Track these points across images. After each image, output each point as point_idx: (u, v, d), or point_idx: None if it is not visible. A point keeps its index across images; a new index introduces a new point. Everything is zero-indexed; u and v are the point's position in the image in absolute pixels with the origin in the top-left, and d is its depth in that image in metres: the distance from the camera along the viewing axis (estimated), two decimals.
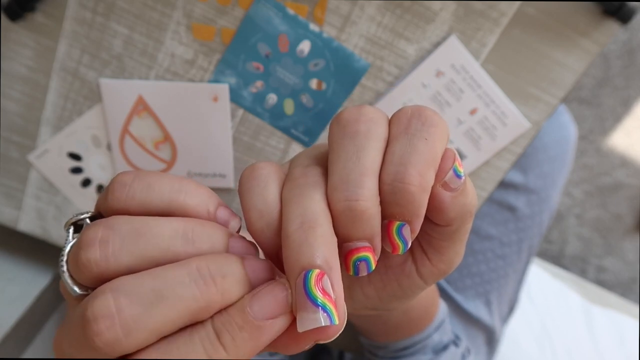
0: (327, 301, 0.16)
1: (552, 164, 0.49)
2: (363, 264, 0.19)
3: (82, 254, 0.17)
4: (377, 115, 0.20)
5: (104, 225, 0.17)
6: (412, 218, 0.18)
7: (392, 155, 0.18)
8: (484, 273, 0.49)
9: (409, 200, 0.18)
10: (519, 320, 0.95)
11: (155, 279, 0.16)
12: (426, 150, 0.18)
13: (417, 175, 0.18)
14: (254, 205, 0.19)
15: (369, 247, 0.18)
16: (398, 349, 0.36)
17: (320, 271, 0.16)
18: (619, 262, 1.47)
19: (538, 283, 1.09)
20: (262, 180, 0.19)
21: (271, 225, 0.18)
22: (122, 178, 0.19)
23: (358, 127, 0.19)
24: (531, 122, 0.35)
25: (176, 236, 0.17)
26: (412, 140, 0.19)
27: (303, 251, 0.17)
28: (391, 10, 0.32)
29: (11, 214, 0.38)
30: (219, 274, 0.17)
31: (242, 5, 0.31)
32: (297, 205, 0.18)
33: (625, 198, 1.40)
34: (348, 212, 0.18)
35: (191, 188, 0.19)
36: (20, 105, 0.35)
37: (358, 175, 0.18)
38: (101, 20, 0.32)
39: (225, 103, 0.34)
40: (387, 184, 0.18)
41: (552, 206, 0.51)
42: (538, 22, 0.32)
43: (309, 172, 0.20)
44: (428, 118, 0.19)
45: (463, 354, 0.39)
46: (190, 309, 0.16)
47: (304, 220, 0.17)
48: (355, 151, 0.19)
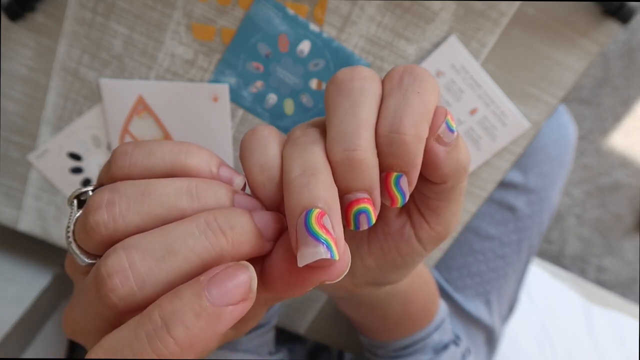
0: (328, 237, 0.17)
1: (552, 164, 0.49)
2: (363, 217, 0.19)
3: (90, 218, 0.17)
4: (370, 74, 0.20)
5: (109, 189, 0.17)
6: (408, 168, 0.19)
7: (387, 110, 0.19)
8: (484, 273, 0.49)
9: (405, 150, 0.18)
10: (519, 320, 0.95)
11: (166, 235, 0.16)
12: (419, 103, 0.19)
13: (412, 126, 0.18)
14: (255, 162, 0.19)
15: (368, 198, 0.19)
16: (398, 348, 0.36)
17: (321, 210, 0.17)
18: (619, 262, 1.47)
19: (538, 283, 1.09)
20: (262, 139, 0.20)
21: (272, 180, 0.19)
22: (124, 148, 0.19)
23: (352, 84, 0.20)
24: (531, 122, 0.35)
25: (181, 193, 0.18)
26: (406, 94, 0.19)
27: (304, 193, 0.17)
28: (391, 10, 0.32)
29: (11, 214, 0.38)
30: (228, 225, 0.17)
31: (242, 5, 0.31)
32: (298, 157, 0.19)
33: (625, 198, 1.40)
34: (347, 161, 0.18)
35: (192, 149, 0.19)
36: (20, 105, 0.35)
37: (354, 127, 0.19)
38: (101, 20, 0.32)
39: (225, 103, 0.34)
40: (383, 135, 0.19)
41: (552, 206, 0.52)
42: (538, 22, 0.32)
43: (309, 132, 0.20)
44: (419, 74, 0.20)
45: (463, 354, 0.39)
46: (202, 259, 0.16)
47: (305, 168, 0.18)
48: (350, 106, 0.19)
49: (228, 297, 0.16)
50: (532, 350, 0.93)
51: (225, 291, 0.16)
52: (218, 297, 0.15)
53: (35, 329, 0.45)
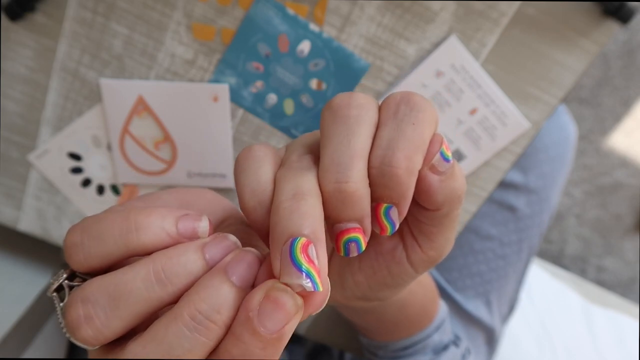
0: (312, 268, 0.17)
1: (552, 164, 0.49)
2: (353, 245, 0.19)
3: (78, 336, 0.17)
4: (367, 101, 0.20)
5: (80, 299, 0.17)
6: (399, 200, 0.19)
7: (381, 140, 0.19)
8: (484, 273, 0.49)
9: (396, 182, 0.18)
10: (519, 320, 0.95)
11: (159, 344, 0.16)
12: (414, 135, 0.19)
13: (404, 159, 0.18)
14: (247, 184, 0.19)
15: (359, 228, 0.19)
16: (398, 349, 0.36)
17: (307, 240, 0.17)
18: (619, 262, 1.47)
19: (538, 283, 1.09)
20: (257, 160, 0.20)
21: (263, 204, 0.19)
22: (71, 239, 0.18)
23: (349, 112, 0.19)
24: (531, 122, 0.35)
25: (151, 284, 0.17)
26: (400, 125, 0.19)
27: (292, 219, 0.17)
28: (391, 10, 0.32)
29: (11, 214, 0.38)
30: (214, 311, 0.16)
31: (242, 5, 0.31)
32: (290, 181, 0.18)
33: (625, 198, 1.40)
34: (338, 193, 0.18)
35: (140, 220, 0.18)
36: (20, 105, 0.35)
37: (348, 158, 0.18)
38: (101, 21, 0.32)
39: (225, 103, 0.34)
40: (375, 167, 0.19)
41: (552, 206, 0.51)
42: (538, 22, 0.32)
43: (304, 158, 0.20)
44: (416, 104, 0.20)
45: (463, 354, 0.39)
46: (205, 353, 0.17)
47: (295, 193, 0.18)
48: (345, 135, 0.19)
49: (281, 321, 0.16)
50: (532, 350, 0.93)
51: (277, 320, 0.16)
52: (272, 327, 0.16)
53: (35, 329, 0.45)
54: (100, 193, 0.37)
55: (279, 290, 0.16)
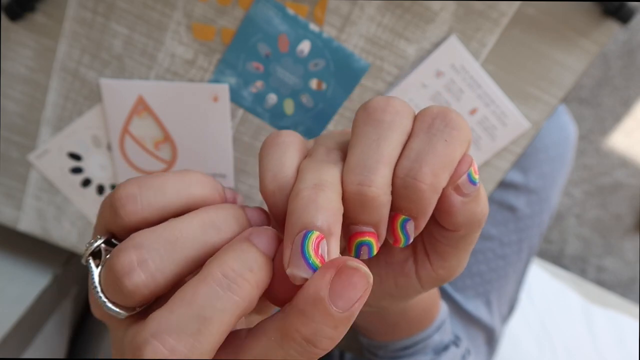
0: (320, 264, 0.16)
1: (553, 164, 0.49)
2: (365, 248, 0.19)
3: (127, 282, 0.16)
4: (404, 108, 0.20)
5: (132, 246, 0.17)
6: (418, 215, 0.19)
7: (410, 151, 0.19)
8: (484, 273, 0.49)
9: (418, 197, 0.18)
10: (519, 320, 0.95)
11: (190, 305, 0.16)
12: (444, 152, 0.18)
13: (430, 174, 0.18)
14: (269, 168, 0.19)
15: (373, 232, 0.19)
16: (398, 349, 0.36)
17: (320, 234, 0.17)
18: (619, 262, 1.47)
19: (538, 283, 1.09)
20: (282, 146, 0.20)
21: (283, 189, 0.19)
22: (128, 190, 0.18)
23: (383, 116, 0.19)
24: (531, 122, 0.35)
25: (207, 229, 0.18)
26: (432, 139, 0.19)
27: (309, 209, 0.17)
28: (391, 10, 0.32)
29: (11, 214, 0.38)
30: (247, 269, 0.17)
31: (242, 5, 0.31)
32: (314, 172, 0.18)
33: (625, 198, 1.40)
34: (359, 195, 0.18)
35: (197, 179, 0.19)
36: (20, 105, 0.35)
37: (375, 162, 0.18)
38: (101, 21, 0.32)
39: (225, 103, 0.34)
40: (400, 177, 0.18)
41: (552, 206, 0.52)
42: (538, 22, 0.32)
43: (332, 153, 0.20)
44: (452, 120, 0.19)
45: (463, 355, 0.39)
46: (236, 315, 0.16)
47: (316, 184, 0.18)
48: (376, 139, 0.19)
49: (352, 300, 0.16)
50: (532, 350, 0.93)
51: (348, 299, 0.16)
52: (344, 306, 0.16)
53: (35, 329, 0.45)
54: (100, 193, 0.37)
55: (352, 268, 0.16)
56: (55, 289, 0.46)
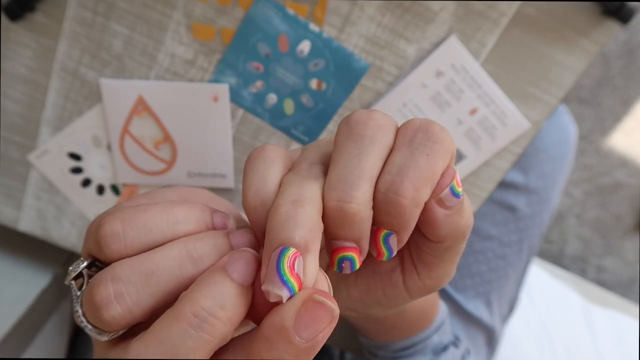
0: (294, 282, 0.16)
1: (553, 164, 0.49)
2: (347, 263, 0.19)
3: (105, 314, 0.17)
4: (386, 122, 0.20)
5: (110, 278, 0.17)
6: (400, 229, 0.19)
7: (391, 165, 0.19)
8: (484, 273, 0.49)
9: (399, 212, 0.18)
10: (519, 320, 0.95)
11: (162, 343, 0.16)
12: (426, 166, 0.18)
13: (411, 189, 0.18)
14: (253, 183, 0.19)
15: (355, 247, 0.19)
16: (397, 349, 0.36)
17: (296, 251, 0.16)
18: (619, 262, 1.47)
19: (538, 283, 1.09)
20: (266, 160, 0.20)
21: (265, 205, 0.19)
22: (111, 228, 0.18)
23: (365, 131, 0.19)
24: (531, 122, 0.35)
25: (184, 262, 0.18)
26: (414, 153, 0.19)
27: (287, 226, 0.17)
28: (391, 10, 0.32)
29: (11, 214, 0.38)
30: (218, 307, 0.16)
31: (242, 5, 0.31)
32: (293, 187, 0.18)
33: (625, 198, 1.40)
34: (339, 212, 0.18)
35: (184, 215, 0.19)
36: (20, 105, 0.35)
37: (356, 178, 0.18)
38: (101, 20, 0.32)
39: (225, 103, 0.34)
40: (381, 192, 0.18)
41: (553, 206, 0.51)
42: (538, 22, 0.32)
43: (314, 169, 0.20)
44: (434, 134, 0.19)
45: (463, 355, 0.39)
46: (210, 350, 0.16)
47: (295, 199, 0.17)
48: (357, 154, 0.19)
49: (316, 332, 0.16)
50: (532, 350, 0.93)
51: (313, 330, 0.16)
52: (308, 337, 0.16)
53: (35, 329, 0.45)
54: (100, 193, 0.37)
55: (318, 302, 0.16)
56: (55, 289, 0.46)
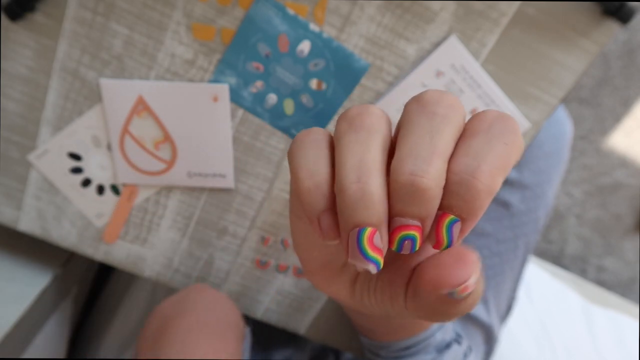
0: (378, 255, 0.17)
1: (548, 160, 0.49)
2: (408, 242, 0.18)
3: None
4: (458, 103, 0.19)
5: None
6: (468, 216, 0.18)
7: (468, 148, 0.18)
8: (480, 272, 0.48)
9: (472, 196, 0.17)
10: (519, 320, 0.95)
11: None
12: (503, 154, 0.18)
13: (488, 174, 0.17)
14: (304, 164, 0.19)
15: (419, 226, 0.18)
16: (400, 349, 0.36)
17: (372, 229, 0.17)
18: (619, 262, 1.47)
19: (538, 283, 1.09)
20: (315, 142, 0.20)
21: (320, 186, 0.18)
22: None
23: (437, 109, 0.19)
24: (531, 122, 0.35)
25: None
26: (492, 140, 0.18)
27: (358, 209, 0.17)
28: (391, 10, 0.32)
29: (11, 214, 0.38)
30: None
31: (242, 5, 0.31)
32: (353, 154, 0.18)
33: (625, 198, 1.40)
34: (410, 186, 0.17)
35: None
36: (20, 105, 0.35)
37: (429, 153, 0.17)
38: (101, 20, 0.32)
39: (225, 103, 0.34)
40: (456, 173, 0.17)
41: (548, 203, 0.51)
42: (538, 22, 0.32)
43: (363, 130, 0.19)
44: (512, 126, 0.19)
45: (465, 352, 0.39)
46: None
47: (360, 174, 0.17)
48: (429, 130, 0.18)
49: None
50: (531, 350, 0.93)
51: None
52: None
53: (35, 329, 0.45)
54: (100, 193, 0.37)
55: None
56: (55, 289, 0.46)
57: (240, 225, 0.39)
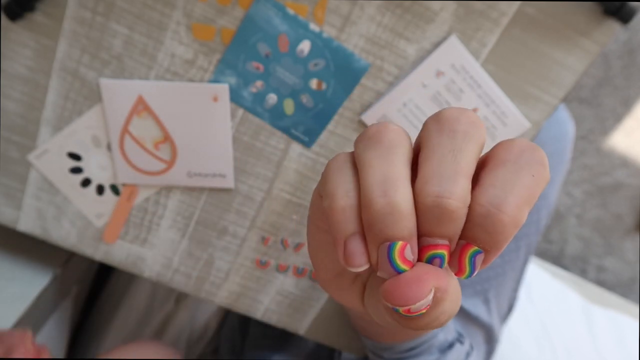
0: (409, 267, 0.17)
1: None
2: (438, 261, 0.18)
3: None
4: (477, 120, 0.19)
5: None
6: (491, 249, 0.18)
7: (495, 179, 0.18)
8: (481, 271, 0.48)
9: (497, 229, 0.17)
10: (519, 320, 0.95)
11: None
12: (530, 187, 0.17)
13: (514, 207, 0.17)
14: (342, 183, 0.19)
15: (447, 245, 0.18)
16: (404, 350, 0.36)
17: (403, 243, 0.17)
18: (619, 262, 1.47)
19: (538, 283, 1.09)
20: (351, 164, 0.20)
21: (354, 208, 0.18)
22: None
23: (457, 126, 0.18)
24: (531, 122, 0.35)
25: None
26: (520, 171, 0.18)
27: (387, 224, 0.17)
28: (391, 10, 0.32)
29: (11, 214, 0.38)
30: None
31: (242, 5, 0.31)
32: (378, 168, 0.18)
33: (625, 198, 1.40)
34: (437, 208, 0.17)
35: None
36: (20, 105, 0.35)
37: (453, 172, 0.17)
38: (101, 20, 0.32)
39: (225, 103, 0.34)
40: (482, 205, 0.17)
41: (550, 203, 0.51)
42: (538, 22, 0.32)
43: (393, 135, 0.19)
44: (541, 157, 0.18)
45: (468, 352, 0.39)
46: None
47: (385, 189, 0.17)
48: (451, 149, 0.18)
49: None
50: (531, 351, 0.93)
51: None
52: None
53: (35, 329, 0.45)
54: (100, 193, 0.37)
55: None
56: (55, 288, 0.46)
57: (240, 225, 0.39)
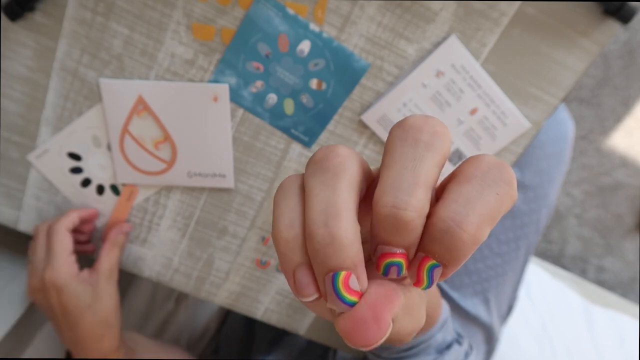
0: (354, 297, 0.17)
1: (549, 160, 0.49)
2: (395, 269, 0.18)
3: None
4: (444, 130, 0.19)
5: None
6: (449, 264, 0.18)
7: (458, 195, 0.18)
8: (481, 271, 0.48)
9: (456, 246, 0.17)
10: (519, 320, 0.95)
11: None
12: (493, 205, 0.17)
13: (475, 225, 0.17)
14: (287, 214, 0.19)
15: (404, 254, 0.18)
16: (402, 350, 0.36)
17: (347, 273, 0.17)
18: (619, 262, 1.47)
19: (538, 283, 1.09)
20: (298, 189, 0.19)
21: (298, 238, 0.18)
22: None
23: (421, 135, 0.18)
24: (531, 122, 0.35)
25: None
26: (485, 189, 0.18)
27: (329, 254, 0.17)
28: (391, 10, 0.32)
29: (11, 214, 0.38)
30: None
31: (242, 5, 0.31)
32: (319, 198, 0.18)
33: (625, 198, 1.40)
34: (392, 219, 0.17)
35: None
36: (20, 105, 0.35)
37: (411, 183, 0.17)
38: (101, 20, 0.32)
39: (225, 103, 0.34)
40: (442, 219, 0.17)
41: (550, 204, 0.51)
42: (538, 22, 0.32)
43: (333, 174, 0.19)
44: (508, 176, 0.18)
45: (466, 352, 0.39)
46: None
47: (327, 218, 0.17)
48: (412, 159, 0.18)
49: None
50: (531, 350, 0.93)
51: None
52: None
53: (35, 329, 0.45)
54: (100, 193, 0.37)
55: None
56: None
57: (240, 225, 0.38)
